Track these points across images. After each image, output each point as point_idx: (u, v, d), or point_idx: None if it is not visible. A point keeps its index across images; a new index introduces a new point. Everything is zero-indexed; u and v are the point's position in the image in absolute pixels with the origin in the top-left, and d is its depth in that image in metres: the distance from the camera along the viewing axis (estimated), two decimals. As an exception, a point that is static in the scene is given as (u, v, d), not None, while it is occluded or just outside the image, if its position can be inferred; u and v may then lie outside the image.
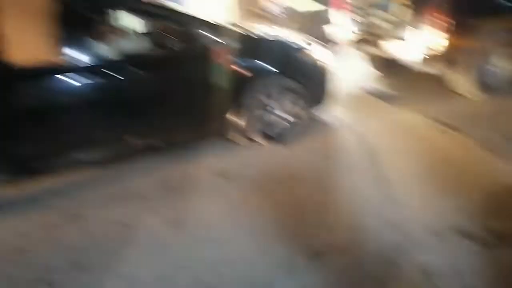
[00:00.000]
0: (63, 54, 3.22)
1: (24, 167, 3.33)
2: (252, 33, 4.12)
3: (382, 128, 4.52)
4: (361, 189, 3.43)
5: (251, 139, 4.11)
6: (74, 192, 3.53)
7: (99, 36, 3.63)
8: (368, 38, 5.63)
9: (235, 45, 3.75)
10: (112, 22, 3.76)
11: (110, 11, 3.77)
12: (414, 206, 3.14)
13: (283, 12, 8.25)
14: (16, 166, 3.28)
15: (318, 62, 4.28)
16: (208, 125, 3.91)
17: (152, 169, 3.82)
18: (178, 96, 3.71)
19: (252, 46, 3.94)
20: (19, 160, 3.27)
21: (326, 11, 7.87)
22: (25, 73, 3.17)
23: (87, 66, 3.32)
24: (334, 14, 7.49)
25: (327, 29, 7.10)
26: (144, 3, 3.69)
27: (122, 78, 3.40)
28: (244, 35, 3.97)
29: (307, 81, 4.15)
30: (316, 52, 4.32)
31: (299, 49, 4.28)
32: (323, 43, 4.54)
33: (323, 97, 4.36)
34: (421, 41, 4.80)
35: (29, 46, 3.11)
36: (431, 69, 5.20)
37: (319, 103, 4.37)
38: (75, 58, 3.27)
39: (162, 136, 3.77)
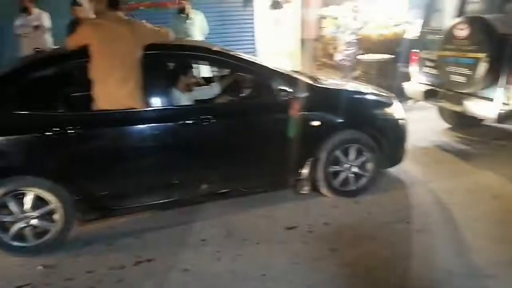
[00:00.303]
0: (146, 102, 3.39)
1: (100, 207, 3.44)
2: (324, 84, 4.11)
3: (455, 186, 4.27)
4: (431, 248, 3.25)
5: (320, 192, 4.02)
6: (143, 233, 3.59)
7: (180, 85, 3.83)
8: (440, 90, 5.45)
9: (308, 96, 3.75)
10: (192, 73, 3.94)
11: (191, 63, 3.98)
12: (490, 274, 2.90)
13: (351, 62, 8.26)
14: (92, 205, 3.39)
15: (392, 116, 4.16)
16: (278, 175, 3.89)
17: (220, 215, 3.82)
18: (250, 145, 3.74)
19: (325, 97, 3.93)
20: (95, 200, 3.39)
21: (394, 61, 7.82)
22: (110, 118, 3.36)
23: (166, 113, 3.48)
24: (402, 65, 7.42)
25: (397, 80, 7.03)
26: (219, 53, 3.83)
27: (198, 126, 3.48)
28: (317, 86, 3.99)
29: (381, 136, 4.04)
30: (389, 105, 4.21)
31: (373, 102, 4.21)
32: (394, 95, 4.44)
33: (396, 153, 4.22)
34: (498, 96, 4.57)
35: (118, 94, 3.31)
36: (508, 126, 4.93)
37: (392, 159, 4.23)
38: (156, 106, 3.44)
39: (232, 183, 3.77)
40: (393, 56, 7.85)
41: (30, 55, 4.17)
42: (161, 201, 3.65)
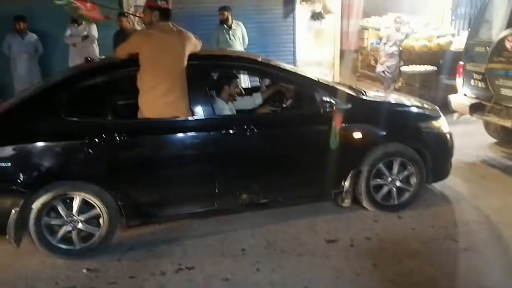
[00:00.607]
0: (190, 111, 3.45)
1: (142, 213, 3.50)
2: (367, 95, 4.06)
3: (503, 204, 4.10)
4: (478, 267, 3.12)
5: (361, 205, 3.95)
6: (183, 241, 3.63)
7: (223, 95, 3.87)
8: (486, 104, 5.26)
9: (350, 107, 3.71)
10: (235, 83, 3.98)
11: (234, 73, 4.02)
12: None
13: (392, 73, 8.12)
14: (135, 211, 3.46)
15: (437, 130, 4.05)
16: (319, 187, 3.85)
17: (260, 225, 3.81)
18: (291, 155, 3.72)
19: (368, 109, 3.87)
20: (138, 206, 3.45)
21: (437, 73, 7.64)
22: (155, 126, 3.44)
23: (209, 122, 3.52)
24: (446, 77, 7.24)
25: (440, 93, 6.86)
26: (263, 63, 3.85)
27: (240, 136, 3.50)
28: (359, 98, 3.94)
29: (425, 149, 3.93)
30: (434, 118, 4.10)
31: (417, 114, 4.12)
32: (437, 108, 4.32)
33: (441, 168, 4.10)
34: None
35: (163, 102, 3.38)
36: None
37: (436, 174, 4.10)
38: (200, 115, 3.49)
39: (272, 193, 3.76)
40: (436, 68, 7.67)
41: (81, 63, 4.32)
42: (201, 210, 3.69)
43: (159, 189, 3.49)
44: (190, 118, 3.46)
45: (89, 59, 4.10)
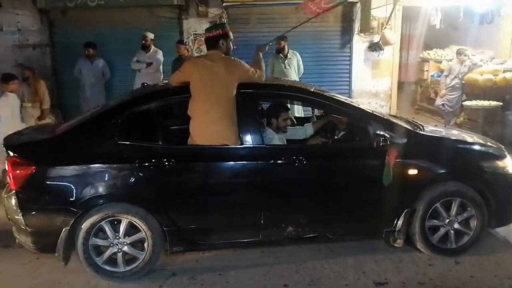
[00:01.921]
0: (240, 139, 3.43)
1: (187, 240, 3.47)
2: (425, 130, 3.86)
3: None
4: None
5: (415, 247, 3.71)
6: (226, 271, 3.56)
7: (274, 125, 3.84)
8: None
9: (407, 142, 3.54)
10: (287, 112, 3.93)
11: (286, 103, 3.98)
12: None
13: (453, 107, 7.76)
14: (180, 237, 3.44)
15: (502, 170, 3.76)
16: (369, 225, 3.66)
17: (305, 260, 3.67)
18: (341, 190, 3.58)
19: (426, 145, 3.67)
20: (183, 232, 3.43)
21: (503, 109, 7.21)
22: (204, 153, 3.45)
23: (258, 152, 3.46)
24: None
25: (506, 130, 6.44)
26: (315, 94, 3.79)
27: (289, 166, 3.43)
28: (416, 132, 3.75)
29: (488, 191, 3.66)
30: (499, 157, 3.82)
31: (480, 152, 3.86)
32: (503, 146, 4.02)
33: (505, 211, 3.78)
34: None
35: (213, 130, 3.40)
36: None
37: (500, 218, 3.78)
38: (249, 144, 3.45)
39: (319, 228, 3.62)
40: (502, 104, 7.24)
41: (137, 89, 4.47)
42: (245, 240, 3.61)
43: (204, 216, 3.46)
44: (239, 146, 3.43)
45: (146, 84, 4.24)
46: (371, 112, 3.75)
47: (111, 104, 3.68)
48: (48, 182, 3.27)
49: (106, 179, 3.30)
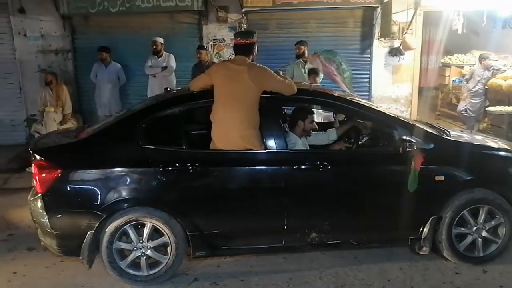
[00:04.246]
0: (263, 144, 3.42)
1: (210, 245, 3.46)
2: (451, 136, 3.79)
3: None
4: None
5: (441, 254, 3.63)
6: (248, 276, 3.54)
7: (297, 129, 3.81)
8: None
9: (433, 148, 3.48)
10: (310, 117, 3.91)
11: (309, 108, 3.94)
12: None
13: (475, 113, 7.63)
14: (203, 242, 3.43)
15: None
16: (394, 232, 3.58)
17: (328, 267, 3.63)
18: (366, 196, 3.53)
19: (452, 151, 3.60)
20: (206, 237, 3.42)
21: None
22: (227, 158, 3.45)
23: (281, 157, 3.44)
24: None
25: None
26: (339, 98, 3.76)
27: (313, 171, 3.39)
28: (443, 138, 3.69)
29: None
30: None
31: (508, 159, 3.76)
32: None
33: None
34: None
35: (236, 134, 3.39)
36: None
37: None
38: (272, 148, 3.43)
39: (343, 234, 3.58)
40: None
41: (160, 94, 4.49)
42: (268, 246, 3.58)
43: (227, 221, 3.44)
44: (262, 151, 3.42)
45: (169, 89, 4.26)
46: (396, 117, 3.70)
47: (135, 109, 3.70)
48: (73, 186, 3.30)
49: (130, 183, 3.32)
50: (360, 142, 3.97)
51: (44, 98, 6.96)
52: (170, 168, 3.29)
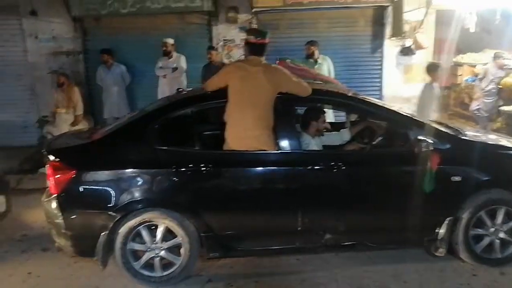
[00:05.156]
0: (276, 145, 3.39)
1: (223, 246, 3.45)
2: (468, 135, 3.74)
3: None
4: None
5: (457, 256, 3.58)
6: (262, 277, 3.52)
7: (310, 130, 3.78)
8: None
9: (449, 148, 3.43)
10: (323, 117, 3.87)
11: (322, 108, 3.91)
12: None
13: (489, 112, 7.54)
14: (216, 243, 3.42)
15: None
16: (410, 233, 3.53)
17: (343, 269, 3.59)
18: (381, 196, 3.49)
19: (469, 151, 3.53)
20: (220, 238, 3.41)
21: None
22: (240, 158, 3.42)
23: (295, 157, 3.43)
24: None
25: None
26: (352, 99, 3.72)
27: (327, 172, 3.36)
28: (459, 137, 3.64)
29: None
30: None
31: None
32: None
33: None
34: None
35: (249, 135, 3.38)
36: None
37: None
38: (286, 149, 3.41)
39: (358, 236, 3.54)
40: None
41: (172, 94, 4.48)
42: (281, 247, 3.55)
43: (240, 222, 3.43)
44: (275, 152, 3.39)
45: (181, 90, 4.25)
46: (410, 116, 3.66)
47: (148, 110, 3.70)
48: (87, 187, 3.30)
49: (143, 184, 3.31)
50: (374, 143, 3.92)
51: (56, 99, 6.99)
52: (183, 169, 3.28)
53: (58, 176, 3.23)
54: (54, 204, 3.29)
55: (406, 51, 7.96)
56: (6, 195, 4.33)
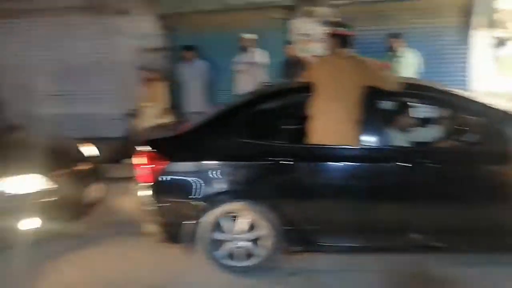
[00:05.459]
0: (362, 140, 3.33)
1: (306, 240, 3.46)
2: None
3: None
4: None
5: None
6: (343, 274, 3.49)
7: (397, 125, 3.66)
8: None
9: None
10: (410, 112, 3.73)
11: (410, 102, 3.76)
12: None
13: None
14: (299, 237, 3.44)
15: None
16: (506, 237, 3.30)
17: (434, 272, 3.44)
18: (475, 197, 3.29)
19: None
20: (303, 232, 3.43)
21: None
22: (324, 153, 3.40)
23: (381, 153, 3.35)
24: None
25: None
26: (441, 92, 3.54)
27: (414, 169, 3.24)
28: None
29: None
30: None
31: None
32: None
33: None
34: None
35: (336, 129, 3.35)
36: None
37: None
38: (372, 145, 3.34)
39: (448, 237, 3.38)
40: None
41: (258, 88, 4.54)
42: (365, 245, 3.50)
43: (324, 217, 3.41)
44: (362, 147, 3.33)
45: (266, 84, 4.29)
46: (504, 110, 3.40)
47: (235, 103, 3.79)
48: (177, 177, 3.45)
49: (229, 176, 3.41)
50: (466, 139, 3.70)
51: (142, 94, 7.35)
52: (268, 162, 3.32)
53: (152, 165, 3.41)
54: (146, 192, 3.46)
55: (498, 42, 7.42)
56: (104, 183, 4.68)
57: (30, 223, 3.88)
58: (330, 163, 3.39)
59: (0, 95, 8.41)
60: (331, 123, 3.34)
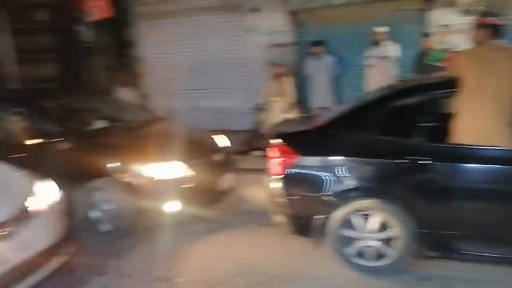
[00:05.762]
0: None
1: (442, 246, 3.26)
2: None
3: None
4: None
5: None
6: (482, 285, 3.23)
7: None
8: None
9: None
10: None
11: None
12: None
13: None
14: (434, 242, 3.25)
15: None
16: None
17: None
18: None
19: None
20: (439, 237, 3.23)
21: None
22: (470, 153, 3.15)
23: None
24: None
25: None
26: None
27: None
28: None
29: None
30: None
31: None
32: None
33: None
34: None
35: (486, 128, 3.09)
36: None
37: None
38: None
39: None
40: None
41: (394, 83, 4.37)
42: (508, 256, 3.17)
43: (464, 223, 3.16)
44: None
45: (400, 78, 4.11)
46: None
47: (369, 98, 3.70)
48: (308, 171, 3.49)
49: (361, 172, 3.35)
50: None
51: (271, 88, 7.56)
52: (404, 161, 3.18)
53: (284, 159, 3.50)
54: (278, 184, 3.56)
55: None
56: (235, 173, 4.94)
57: (172, 206, 4.26)
58: (476, 165, 3.12)
59: (145, 90, 9.32)
60: (480, 121, 3.07)
